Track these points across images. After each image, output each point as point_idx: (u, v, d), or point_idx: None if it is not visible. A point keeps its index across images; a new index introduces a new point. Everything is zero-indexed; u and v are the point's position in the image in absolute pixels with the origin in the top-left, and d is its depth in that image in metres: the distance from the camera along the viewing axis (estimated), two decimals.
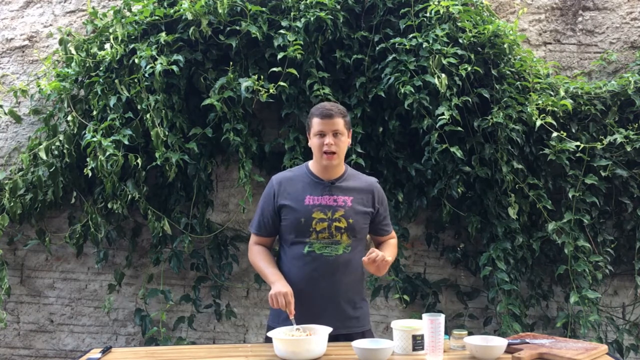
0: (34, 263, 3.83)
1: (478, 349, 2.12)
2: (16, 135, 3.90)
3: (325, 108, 2.43)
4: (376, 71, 3.52)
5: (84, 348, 3.75)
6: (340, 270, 2.43)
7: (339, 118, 2.42)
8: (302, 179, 2.50)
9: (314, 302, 2.39)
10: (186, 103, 3.58)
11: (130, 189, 3.42)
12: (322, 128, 2.41)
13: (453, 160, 3.44)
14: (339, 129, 2.42)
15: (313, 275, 2.41)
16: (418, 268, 3.78)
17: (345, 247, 2.44)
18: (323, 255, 2.41)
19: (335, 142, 2.40)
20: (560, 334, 3.52)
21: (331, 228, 2.41)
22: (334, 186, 2.47)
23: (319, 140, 2.42)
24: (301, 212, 2.42)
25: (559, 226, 3.43)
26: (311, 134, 2.46)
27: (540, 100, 3.45)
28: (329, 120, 2.40)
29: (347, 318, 2.43)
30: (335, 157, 2.42)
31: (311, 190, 2.46)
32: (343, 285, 2.43)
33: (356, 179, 2.55)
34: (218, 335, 3.78)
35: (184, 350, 2.48)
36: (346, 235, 2.43)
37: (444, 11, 3.43)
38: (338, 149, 2.42)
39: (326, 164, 2.43)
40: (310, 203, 2.43)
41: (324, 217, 2.42)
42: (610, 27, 3.92)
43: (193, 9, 3.37)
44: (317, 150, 2.44)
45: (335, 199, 2.45)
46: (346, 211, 2.44)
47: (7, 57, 3.97)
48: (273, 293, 2.29)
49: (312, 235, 2.42)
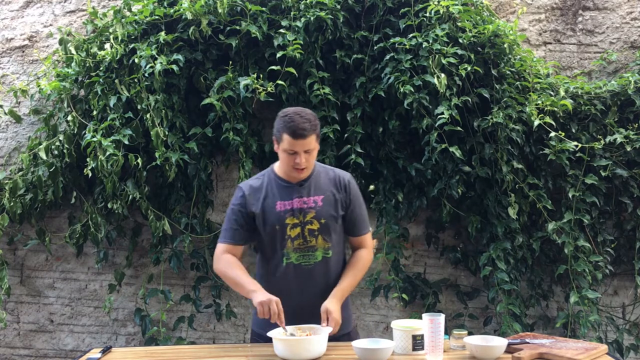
0: (34, 263, 3.83)
1: (478, 349, 2.12)
2: (16, 135, 3.90)
3: (298, 127, 2.26)
4: (376, 71, 3.52)
5: (84, 348, 3.76)
6: (321, 277, 2.40)
7: (312, 135, 2.30)
8: (270, 184, 2.43)
9: (299, 312, 2.32)
10: (186, 103, 3.58)
11: (131, 189, 3.42)
12: (294, 148, 2.29)
13: (453, 160, 3.44)
14: (311, 147, 2.32)
15: (294, 287, 2.37)
16: (418, 268, 3.78)
17: (324, 252, 2.40)
18: (302, 266, 2.38)
19: (306, 159, 2.32)
20: (560, 334, 3.52)
21: (304, 232, 2.37)
22: (302, 187, 2.41)
23: (289, 156, 2.32)
24: (274, 219, 2.37)
25: (559, 226, 3.43)
26: (280, 148, 2.34)
27: (540, 100, 3.45)
28: (302, 140, 2.28)
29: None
30: (305, 172, 2.37)
31: (281, 195, 2.40)
32: (326, 291, 2.38)
33: (325, 175, 2.47)
34: (218, 335, 3.78)
35: (184, 350, 2.48)
36: (321, 237, 2.39)
37: (444, 11, 3.43)
38: (309, 164, 2.35)
39: (295, 177, 2.38)
40: (282, 209, 2.38)
41: (297, 221, 2.37)
42: (610, 27, 3.92)
43: (193, 8, 3.37)
44: (286, 164, 2.36)
45: (305, 201, 2.39)
46: (317, 212, 2.38)
47: (7, 57, 3.97)
48: (261, 301, 2.21)
49: (288, 243, 2.37)
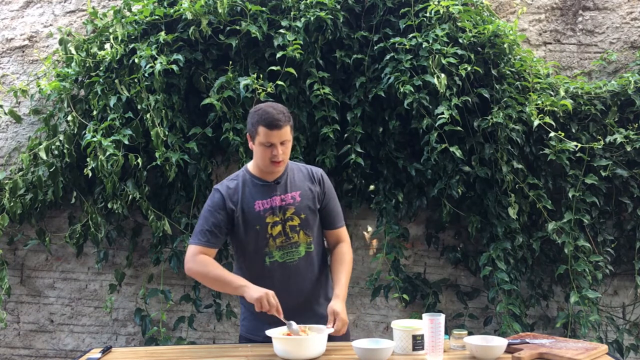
0: (34, 263, 3.83)
1: (478, 349, 2.12)
2: (16, 135, 3.90)
3: (274, 118, 2.28)
4: (376, 71, 3.52)
5: (84, 348, 3.76)
6: (306, 272, 2.41)
7: (287, 126, 2.32)
8: (247, 184, 2.42)
9: (287, 310, 2.30)
10: (186, 103, 3.58)
11: (131, 189, 3.42)
12: (270, 140, 2.29)
13: (453, 160, 3.44)
14: (286, 138, 2.33)
15: (280, 285, 2.35)
16: (418, 268, 3.78)
17: (307, 246, 2.41)
18: (286, 263, 2.38)
19: (282, 151, 2.32)
20: (560, 334, 3.52)
21: (286, 229, 2.38)
22: (279, 185, 2.42)
23: (265, 149, 2.32)
24: (254, 220, 2.37)
25: (559, 226, 3.43)
26: (256, 142, 2.34)
27: (540, 100, 3.45)
28: (278, 131, 2.29)
29: (320, 317, 2.39)
30: (282, 164, 2.37)
31: (258, 195, 2.39)
32: (312, 286, 2.42)
33: (299, 171, 2.49)
34: (218, 335, 3.78)
35: (184, 350, 2.48)
36: (303, 232, 2.40)
37: (444, 11, 3.43)
38: (285, 157, 2.36)
39: (272, 170, 2.39)
40: (261, 208, 2.38)
41: (277, 219, 2.38)
42: (610, 27, 3.92)
43: (193, 8, 3.37)
44: (262, 159, 2.35)
45: (283, 198, 2.40)
46: (296, 207, 2.39)
47: (7, 57, 3.98)
48: (260, 295, 2.20)
49: (270, 242, 2.37)
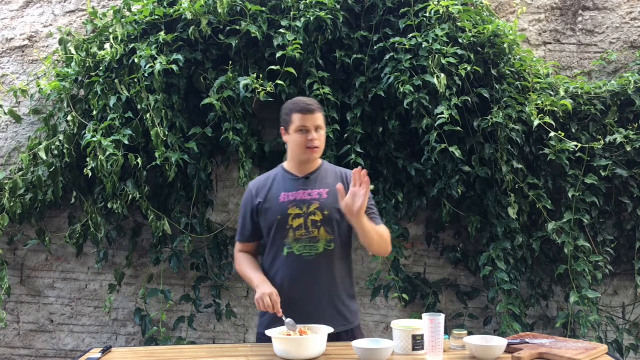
0: (34, 263, 3.83)
1: (478, 349, 2.12)
2: (16, 135, 3.90)
3: (306, 103, 2.40)
4: (376, 71, 3.52)
5: (84, 348, 3.76)
6: (322, 269, 2.40)
7: (320, 113, 2.42)
8: (277, 178, 2.50)
9: (299, 304, 2.35)
10: (186, 103, 3.58)
11: (131, 189, 3.42)
12: (305, 123, 2.38)
13: (453, 160, 3.44)
14: (320, 123, 2.42)
15: (294, 277, 2.39)
16: (418, 268, 3.78)
17: (326, 244, 2.40)
18: (303, 256, 2.39)
19: (318, 137, 2.40)
20: (560, 334, 3.52)
21: (307, 223, 2.39)
22: (309, 180, 2.45)
23: (301, 136, 2.39)
24: (277, 209, 2.41)
25: (559, 226, 3.43)
26: (291, 130, 2.41)
27: (540, 100, 3.45)
28: (311, 115, 2.38)
29: (333, 317, 2.39)
30: (318, 151, 2.42)
31: (285, 187, 2.45)
32: (327, 283, 2.41)
33: (333, 172, 2.52)
34: (218, 335, 3.78)
35: (184, 350, 2.48)
36: (324, 229, 2.40)
37: (444, 11, 3.43)
38: (320, 144, 2.42)
39: (309, 157, 2.42)
40: (285, 200, 2.42)
41: (300, 212, 2.40)
42: (610, 27, 3.92)
43: (193, 8, 3.37)
44: (298, 146, 2.41)
45: (309, 193, 2.43)
46: (321, 203, 2.41)
47: (7, 57, 3.98)
48: (258, 296, 2.29)
49: (290, 233, 2.39)
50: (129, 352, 2.43)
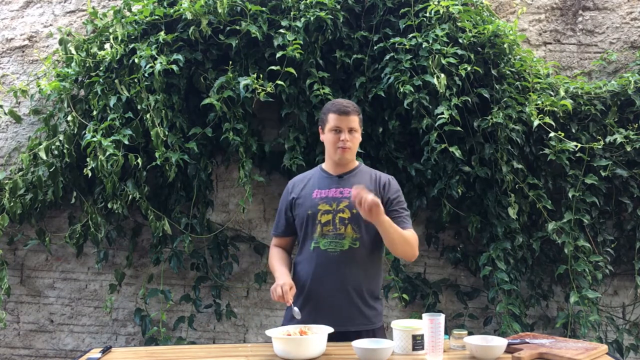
0: (34, 263, 3.83)
1: (478, 349, 2.12)
2: (16, 135, 3.90)
3: (343, 105, 2.48)
4: (376, 71, 3.52)
5: (84, 348, 3.76)
6: (346, 266, 2.42)
7: (355, 115, 2.48)
8: (314, 176, 2.59)
9: (321, 299, 2.42)
10: (186, 103, 3.58)
11: (131, 189, 3.42)
12: (339, 124, 2.46)
13: (453, 160, 3.44)
14: (355, 126, 2.48)
15: (317, 272, 2.43)
16: (418, 268, 3.78)
17: (352, 242, 2.43)
18: (327, 252, 2.43)
19: (350, 139, 2.46)
20: (560, 334, 3.52)
21: (335, 219, 2.44)
22: (342, 179, 2.52)
23: (334, 135, 2.47)
24: (308, 205, 2.49)
25: (559, 226, 3.43)
26: (326, 129, 2.50)
27: (540, 100, 3.45)
28: (346, 117, 2.45)
29: (354, 315, 2.42)
30: (349, 152, 2.48)
31: (319, 185, 2.53)
32: (350, 281, 2.43)
33: (368, 174, 2.57)
34: (218, 335, 3.78)
35: (184, 350, 2.48)
36: (350, 227, 2.43)
37: (444, 11, 3.43)
38: (352, 145, 2.48)
39: (340, 157, 2.48)
40: (318, 196, 2.49)
41: (329, 208, 2.46)
42: (610, 27, 3.92)
43: (193, 8, 3.37)
44: (331, 145, 2.49)
45: (341, 191, 2.49)
46: (351, 202, 2.41)
47: (7, 57, 3.98)
48: (273, 287, 2.35)
49: (318, 228, 2.45)
50: (129, 352, 2.44)
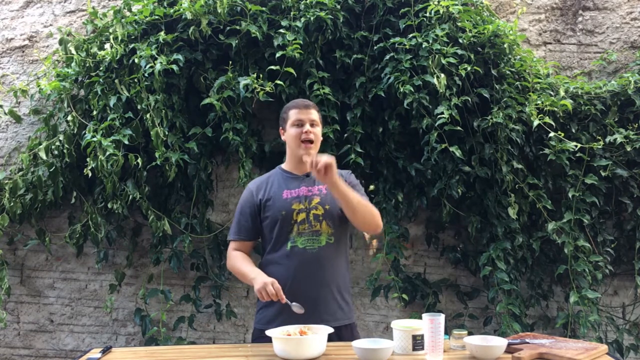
0: (34, 263, 3.83)
1: (478, 349, 2.12)
2: (16, 135, 3.90)
3: (302, 101, 2.56)
4: (376, 71, 3.52)
5: (84, 348, 3.76)
6: (326, 262, 2.45)
7: (315, 110, 2.53)
8: (277, 177, 2.57)
9: (304, 297, 2.38)
10: (186, 103, 3.58)
11: (131, 189, 3.42)
12: (300, 117, 2.48)
13: (453, 160, 3.44)
14: (316, 119, 2.51)
15: (298, 271, 2.43)
16: (418, 268, 3.78)
17: (328, 237, 2.46)
18: (306, 250, 2.44)
19: (312, 131, 2.48)
20: (560, 334, 3.52)
21: (309, 217, 2.45)
22: (309, 178, 2.52)
23: (297, 129, 2.48)
24: (281, 206, 2.48)
25: (559, 226, 3.43)
26: (287, 126, 2.51)
27: (540, 100, 3.45)
28: (306, 110, 2.50)
29: (335, 310, 2.46)
30: (313, 147, 2.48)
31: (287, 185, 2.52)
32: (330, 276, 2.46)
33: None
34: (218, 335, 3.78)
35: (184, 350, 2.48)
36: (325, 223, 2.46)
37: (444, 11, 3.43)
38: (316, 138, 2.49)
39: (304, 152, 2.46)
40: (289, 196, 2.49)
41: (302, 207, 2.47)
42: (610, 27, 3.92)
43: (193, 8, 3.37)
44: (294, 139, 2.49)
45: (310, 189, 2.50)
46: (322, 198, 2.48)
47: (7, 57, 3.98)
48: (259, 287, 2.30)
49: (294, 228, 2.45)
50: (129, 352, 2.43)
